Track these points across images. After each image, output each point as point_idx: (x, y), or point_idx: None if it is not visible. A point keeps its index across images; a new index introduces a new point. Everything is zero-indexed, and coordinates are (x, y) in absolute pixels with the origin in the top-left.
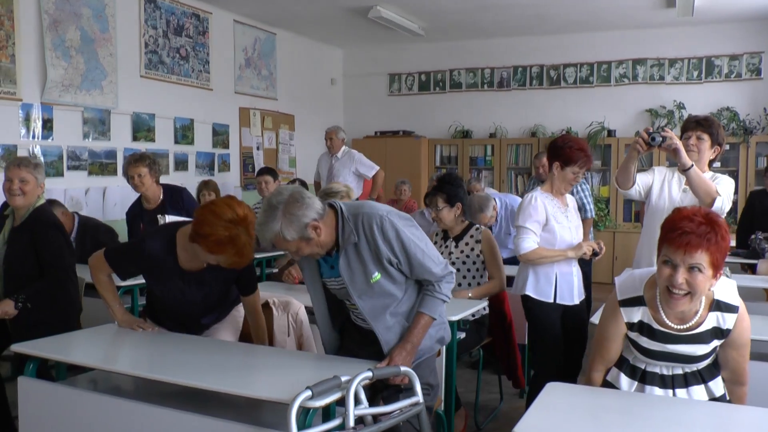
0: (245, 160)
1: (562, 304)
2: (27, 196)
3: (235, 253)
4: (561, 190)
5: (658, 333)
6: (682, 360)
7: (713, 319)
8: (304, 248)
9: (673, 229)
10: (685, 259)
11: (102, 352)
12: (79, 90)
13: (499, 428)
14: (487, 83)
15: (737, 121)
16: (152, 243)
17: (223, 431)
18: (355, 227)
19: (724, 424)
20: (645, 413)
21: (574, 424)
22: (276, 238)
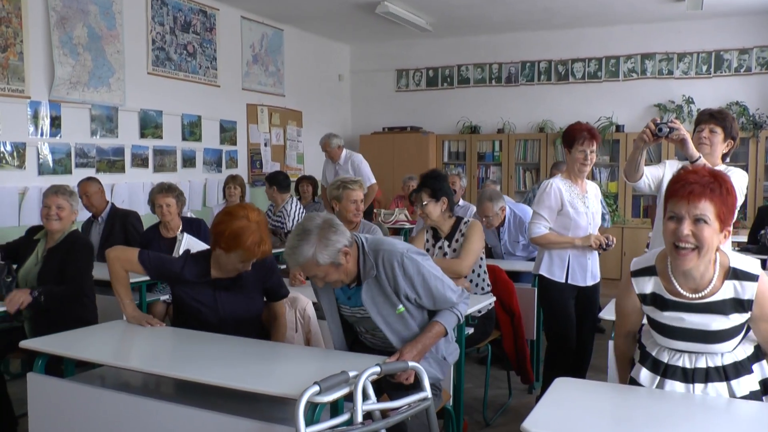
0: (253, 156)
1: (574, 284)
2: (62, 221)
3: (252, 243)
4: (576, 173)
5: (670, 303)
6: (700, 338)
7: (730, 288)
8: (332, 274)
9: (676, 182)
10: (690, 209)
11: (110, 349)
12: (86, 87)
13: (508, 423)
14: (495, 78)
15: (747, 115)
16: (189, 269)
17: (231, 427)
18: (375, 262)
19: (738, 421)
20: (656, 409)
21: (583, 419)
22: (308, 263)
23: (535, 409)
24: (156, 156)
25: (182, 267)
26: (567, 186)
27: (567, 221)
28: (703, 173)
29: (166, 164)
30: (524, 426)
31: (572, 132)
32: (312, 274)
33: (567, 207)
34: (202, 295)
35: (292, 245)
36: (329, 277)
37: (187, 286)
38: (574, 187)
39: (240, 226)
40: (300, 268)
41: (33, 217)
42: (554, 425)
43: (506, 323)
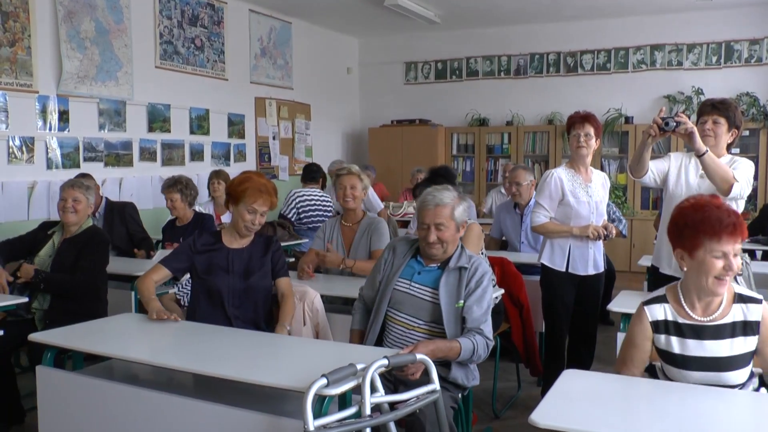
0: (261, 149)
1: (574, 273)
2: (78, 214)
3: (255, 187)
4: (578, 161)
5: (684, 327)
6: (713, 366)
7: (739, 311)
8: (449, 233)
9: (720, 226)
10: (736, 246)
11: (118, 341)
12: (94, 81)
13: (517, 416)
14: (504, 71)
15: (757, 106)
16: (201, 240)
17: (239, 420)
18: (470, 260)
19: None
20: (663, 400)
21: (591, 411)
22: (446, 206)
23: (543, 401)
24: (164, 150)
25: (194, 240)
26: (569, 175)
27: (568, 210)
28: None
29: (175, 158)
30: (532, 418)
31: (569, 119)
32: (438, 221)
33: (568, 196)
34: (216, 258)
35: (433, 191)
36: (445, 234)
37: (202, 255)
38: (576, 176)
39: (246, 176)
40: (433, 211)
41: (42, 211)
42: (562, 417)
43: (515, 316)
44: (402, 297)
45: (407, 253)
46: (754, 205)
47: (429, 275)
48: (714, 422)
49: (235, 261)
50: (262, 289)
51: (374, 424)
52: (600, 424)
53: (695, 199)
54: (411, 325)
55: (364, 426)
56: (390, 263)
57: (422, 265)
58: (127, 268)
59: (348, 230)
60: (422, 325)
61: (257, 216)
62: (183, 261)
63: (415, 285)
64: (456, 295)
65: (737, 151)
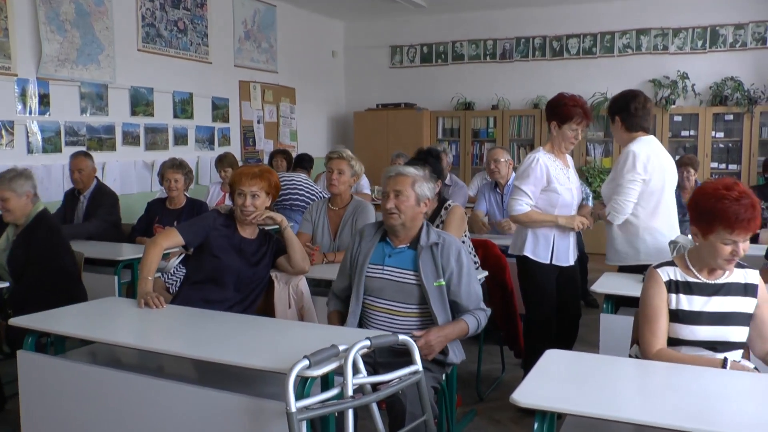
0: (246, 133)
1: (558, 265)
2: (13, 213)
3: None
4: (562, 149)
5: (694, 285)
6: (718, 321)
7: (740, 275)
8: (409, 204)
9: (739, 219)
10: (746, 237)
11: (102, 325)
12: (75, 64)
13: (502, 398)
14: (490, 55)
15: (742, 90)
16: (219, 219)
17: (222, 402)
18: (439, 237)
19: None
20: (644, 379)
21: (572, 390)
22: (408, 178)
23: (525, 380)
24: (147, 134)
25: (214, 218)
26: (551, 160)
27: (554, 197)
28: (745, 200)
29: (158, 142)
30: (513, 397)
31: (566, 108)
32: (398, 188)
33: (554, 183)
34: (231, 239)
35: (399, 165)
36: (404, 205)
37: (219, 232)
38: (557, 161)
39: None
40: (393, 179)
41: None
42: (543, 396)
43: (498, 298)
44: (378, 283)
45: (374, 236)
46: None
47: (401, 256)
48: (696, 399)
49: (246, 248)
50: (263, 278)
51: (356, 405)
52: (580, 402)
53: (717, 185)
54: (397, 311)
55: (346, 407)
56: (358, 251)
57: (391, 246)
58: (110, 252)
59: (334, 214)
60: (411, 309)
61: (247, 198)
62: (199, 234)
63: (388, 268)
64: (434, 274)
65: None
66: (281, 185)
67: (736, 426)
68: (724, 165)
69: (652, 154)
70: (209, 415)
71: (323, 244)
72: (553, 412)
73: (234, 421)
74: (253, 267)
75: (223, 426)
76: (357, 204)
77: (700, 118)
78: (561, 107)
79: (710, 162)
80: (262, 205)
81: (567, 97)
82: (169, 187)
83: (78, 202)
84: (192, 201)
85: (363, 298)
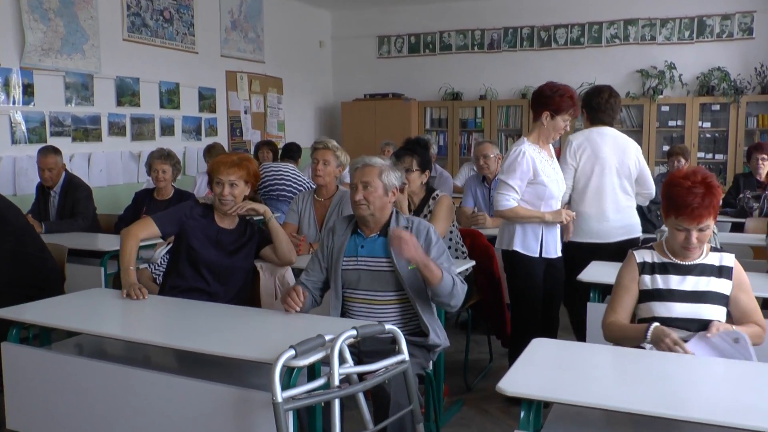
0: (233, 124)
1: (546, 257)
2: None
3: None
4: (548, 139)
5: (669, 265)
6: (693, 298)
7: (715, 257)
8: (377, 195)
9: (684, 206)
10: (697, 226)
11: (87, 317)
12: (59, 54)
13: (489, 387)
14: (478, 45)
15: (728, 80)
16: (196, 209)
17: (208, 393)
18: (408, 221)
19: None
20: (628, 367)
21: (558, 379)
22: (374, 168)
23: (511, 369)
24: (134, 124)
25: (191, 207)
26: (537, 152)
27: (541, 190)
28: (700, 192)
29: (145, 133)
30: (499, 386)
31: (560, 101)
32: (366, 180)
33: (541, 175)
34: (207, 230)
35: (365, 156)
36: (372, 195)
37: (196, 222)
38: (542, 152)
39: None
40: (360, 170)
41: (7, 187)
42: (529, 385)
43: (486, 288)
44: (354, 275)
45: (346, 230)
46: (723, 178)
47: (373, 245)
48: (678, 387)
49: (223, 239)
50: (244, 268)
51: (343, 395)
52: (567, 391)
53: (680, 173)
54: (375, 300)
55: (333, 397)
56: (331, 245)
57: (363, 237)
58: (95, 244)
59: (320, 205)
60: (388, 296)
61: (225, 187)
62: (174, 224)
63: (362, 259)
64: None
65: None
66: (268, 176)
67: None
68: (710, 155)
69: (585, 142)
70: (195, 405)
71: (309, 234)
72: (539, 401)
73: (220, 412)
74: (231, 257)
75: (210, 416)
76: (342, 194)
77: (687, 108)
78: (556, 98)
79: (697, 152)
80: (241, 194)
81: (560, 86)
82: (156, 177)
83: (49, 197)
84: (180, 192)
85: (343, 292)
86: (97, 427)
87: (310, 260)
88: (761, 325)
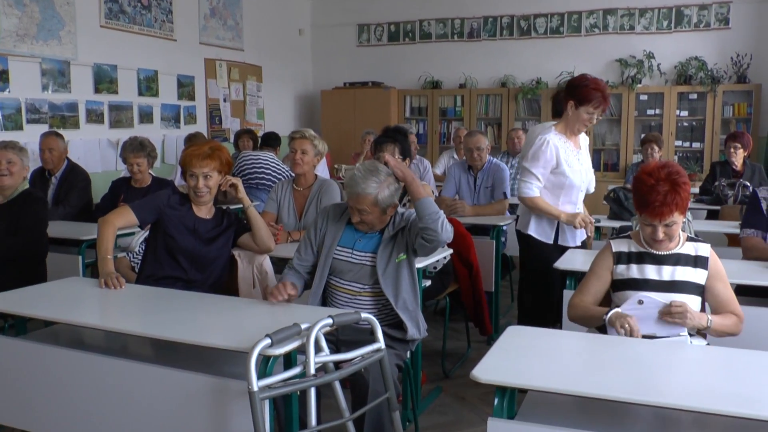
0: (212, 112)
1: (564, 245)
2: (14, 177)
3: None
4: (575, 130)
5: (645, 255)
6: (667, 287)
7: (691, 247)
8: (373, 216)
9: (646, 204)
10: (662, 222)
11: (64, 306)
12: (35, 40)
13: (467, 375)
14: (458, 34)
15: (705, 70)
16: (174, 198)
17: (185, 382)
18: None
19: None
20: (604, 353)
21: (533, 366)
22: (368, 197)
23: (485, 357)
24: (112, 111)
25: (168, 196)
26: (562, 141)
27: (562, 180)
28: (664, 189)
29: (123, 120)
30: (474, 374)
31: (585, 91)
32: (360, 207)
33: (563, 165)
34: (184, 219)
35: (360, 177)
36: (368, 217)
37: (173, 211)
38: (568, 143)
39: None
40: (355, 199)
41: None
42: (503, 372)
43: (464, 276)
44: (344, 266)
45: (342, 217)
46: (700, 166)
47: (371, 242)
48: (651, 373)
49: (200, 228)
50: (221, 257)
51: (318, 383)
52: (541, 377)
53: (646, 169)
54: (355, 291)
55: (308, 385)
56: (324, 230)
57: (363, 232)
58: (74, 232)
59: (299, 194)
60: (366, 289)
61: (200, 180)
62: (152, 212)
63: (357, 253)
64: (395, 252)
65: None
66: (248, 164)
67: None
68: (688, 143)
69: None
70: (172, 394)
71: (288, 223)
72: (513, 388)
73: (196, 401)
74: (208, 245)
75: (186, 405)
76: (322, 183)
77: (665, 97)
78: (582, 88)
79: (674, 140)
80: (215, 185)
81: (590, 79)
82: (132, 171)
83: (49, 183)
84: (158, 180)
85: (328, 278)
86: (73, 416)
87: (302, 243)
88: (738, 314)
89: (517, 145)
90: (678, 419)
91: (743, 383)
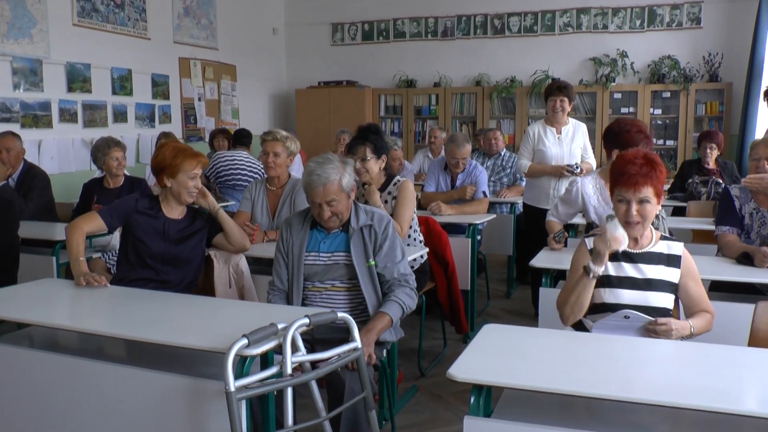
0: (187, 111)
1: None
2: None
3: (190, 155)
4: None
5: (620, 253)
6: (641, 286)
7: (664, 246)
8: (343, 204)
9: (622, 174)
10: (636, 195)
11: (39, 308)
12: (6, 38)
13: (443, 373)
14: (431, 32)
15: (678, 69)
16: (142, 202)
17: (161, 383)
18: (369, 217)
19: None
20: (580, 351)
21: (508, 364)
22: (334, 183)
23: (462, 355)
24: (85, 111)
25: (136, 200)
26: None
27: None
28: (640, 162)
29: (97, 119)
30: (450, 372)
31: (628, 137)
32: (330, 198)
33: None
34: (153, 222)
35: (316, 169)
36: (338, 207)
37: (141, 216)
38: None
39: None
40: (323, 191)
41: None
42: (479, 370)
43: (440, 274)
44: (315, 269)
45: (304, 224)
46: (674, 163)
47: (335, 240)
48: (627, 369)
49: (170, 229)
50: (193, 257)
51: (295, 383)
52: (516, 376)
53: (632, 152)
54: (335, 287)
55: (285, 385)
56: (290, 241)
57: (324, 233)
58: (48, 232)
59: (273, 194)
60: (338, 284)
61: (198, 180)
62: (120, 217)
63: (324, 254)
64: (365, 254)
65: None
66: (223, 164)
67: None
68: (662, 141)
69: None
70: (148, 396)
71: (262, 222)
72: (489, 386)
73: (173, 402)
74: (178, 246)
75: (162, 406)
76: (295, 182)
77: (639, 96)
78: (624, 134)
79: None
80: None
81: (628, 122)
82: (112, 166)
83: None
84: (131, 179)
85: (304, 285)
86: (48, 419)
87: (275, 263)
88: (710, 311)
89: (494, 145)
90: (653, 414)
91: (715, 378)
